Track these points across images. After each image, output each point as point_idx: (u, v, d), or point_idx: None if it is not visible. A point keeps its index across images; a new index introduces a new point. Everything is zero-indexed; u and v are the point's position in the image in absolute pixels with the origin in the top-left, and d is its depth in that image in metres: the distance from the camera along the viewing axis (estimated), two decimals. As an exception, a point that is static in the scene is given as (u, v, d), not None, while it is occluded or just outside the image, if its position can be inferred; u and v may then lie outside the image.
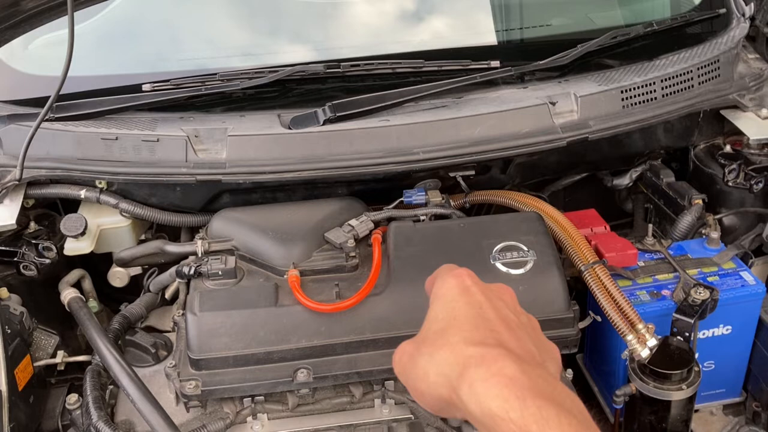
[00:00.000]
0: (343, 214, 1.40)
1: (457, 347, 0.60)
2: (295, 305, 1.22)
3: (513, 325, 0.64)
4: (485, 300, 0.65)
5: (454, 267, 0.70)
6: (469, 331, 0.62)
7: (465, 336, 0.61)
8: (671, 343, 1.26)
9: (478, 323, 0.62)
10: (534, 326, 0.68)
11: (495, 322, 0.63)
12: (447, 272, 0.69)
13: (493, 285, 0.69)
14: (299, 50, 1.69)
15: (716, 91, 1.60)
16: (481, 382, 0.57)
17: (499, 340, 0.61)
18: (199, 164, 1.40)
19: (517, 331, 0.63)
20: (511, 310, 0.66)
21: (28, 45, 1.75)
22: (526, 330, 0.65)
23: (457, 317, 0.64)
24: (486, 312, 0.64)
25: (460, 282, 0.67)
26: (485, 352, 0.59)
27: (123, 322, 1.41)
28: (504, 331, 0.62)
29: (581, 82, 1.56)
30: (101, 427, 1.20)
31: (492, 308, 0.64)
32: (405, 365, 0.64)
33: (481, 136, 1.44)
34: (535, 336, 0.66)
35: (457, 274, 0.68)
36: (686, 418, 1.27)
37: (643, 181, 1.74)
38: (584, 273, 1.32)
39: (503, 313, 0.64)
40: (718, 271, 1.40)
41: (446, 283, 0.67)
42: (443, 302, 0.66)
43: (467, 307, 0.64)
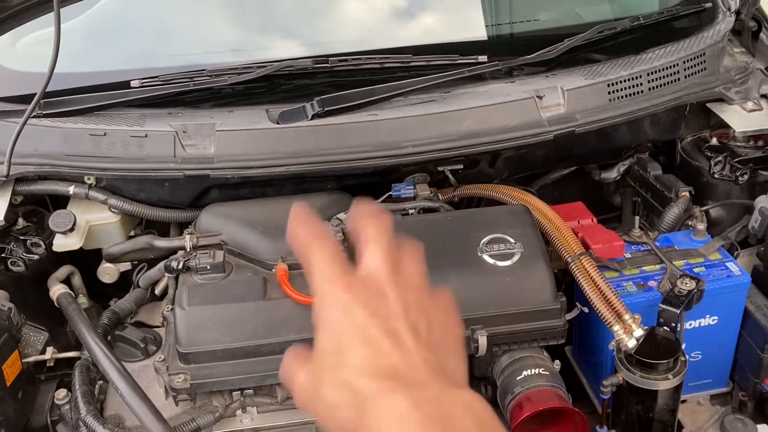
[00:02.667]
0: (332, 208, 1.40)
1: (354, 383, 0.59)
2: (284, 299, 1.23)
3: (401, 337, 0.61)
4: (366, 315, 0.61)
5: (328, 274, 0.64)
6: (359, 361, 0.60)
7: (356, 368, 0.59)
8: (658, 333, 1.27)
9: (365, 351, 0.60)
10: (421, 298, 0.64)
11: (382, 341, 0.60)
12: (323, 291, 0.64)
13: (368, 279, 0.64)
14: (288, 46, 1.69)
15: (702, 84, 1.61)
16: (376, 422, 0.57)
17: (390, 367, 0.59)
18: (188, 159, 1.40)
19: (406, 343, 0.61)
20: (397, 313, 0.62)
21: (16, 42, 1.75)
22: (418, 332, 0.62)
23: (342, 348, 0.61)
24: (370, 330, 0.61)
25: (337, 299, 0.63)
26: (376, 386, 0.58)
27: (112, 318, 1.41)
28: (393, 351, 0.60)
29: (568, 76, 1.56)
30: (90, 421, 1.20)
31: (375, 323, 0.61)
32: (310, 401, 0.62)
33: (469, 130, 1.45)
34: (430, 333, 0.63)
35: (333, 290, 0.63)
36: (673, 408, 1.28)
37: (630, 174, 1.75)
38: (571, 264, 1.33)
39: (389, 323, 0.61)
40: (704, 262, 1.41)
41: (325, 306, 0.63)
42: (326, 330, 0.62)
43: (351, 330, 0.61)
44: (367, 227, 0.67)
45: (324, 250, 0.65)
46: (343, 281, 0.64)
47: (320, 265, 0.65)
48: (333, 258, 0.65)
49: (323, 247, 0.65)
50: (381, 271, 0.65)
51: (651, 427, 1.29)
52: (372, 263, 0.65)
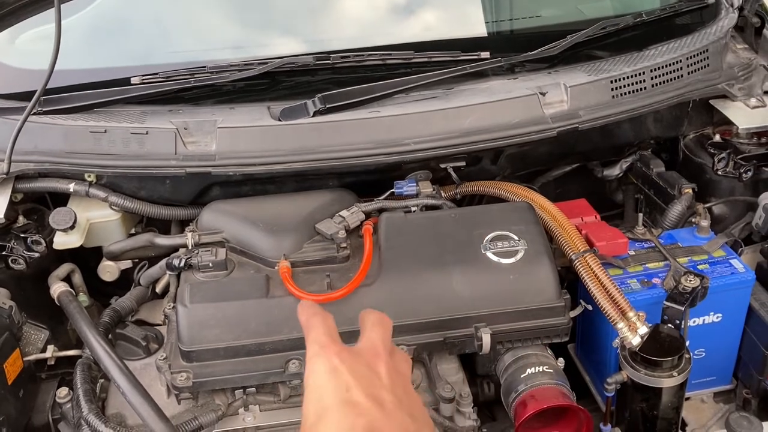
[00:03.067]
0: (334, 206, 1.39)
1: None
2: (287, 296, 1.22)
3: (385, 402, 0.65)
4: (354, 380, 0.65)
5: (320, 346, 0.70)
6: (337, 422, 0.63)
7: (333, 429, 0.62)
8: (662, 330, 1.26)
9: (347, 412, 0.63)
10: (409, 395, 0.69)
11: (364, 405, 0.64)
12: (315, 353, 0.69)
13: (364, 351, 0.69)
14: (289, 42, 1.68)
15: (705, 80, 1.61)
16: None
17: (368, 422, 0.62)
18: (189, 156, 1.39)
19: (388, 407, 0.64)
20: (385, 384, 0.67)
21: (15, 39, 1.74)
22: (401, 402, 0.66)
23: (325, 408, 0.64)
24: (354, 395, 0.64)
25: (327, 364, 0.67)
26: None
27: (113, 316, 1.40)
28: (374, 411, 0.63)
29: (571, 72, 1.56)
30: (92, 420, 1.19)
31: (361, 387, 0.65)
32: None
33: (472, 126, 1.44)
34: (411, 405, 0.67)
35: (324, 353, 0.68)
36: (677, 406, 1.27)
37: (633, 171, 1.74)
38: (575, 262, 1.33)
39: (374, 389, 0.65)
40: (708, 260, 1.41)
41: (314, 370, 0.68)
42: (312, 393, 0.67)
43: (334, 395, 0.65)
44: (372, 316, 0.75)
45: (322, 323, 0.73)
46: (334, 348, 0.69)
47: (315, 334, 0.71)
48: (328, 330, 0.72)
49: (322, 322, 0.73)
50: (377, 346, 0.71)
51: (655, 424, 1.28)
52: (371, 338, 0.72)
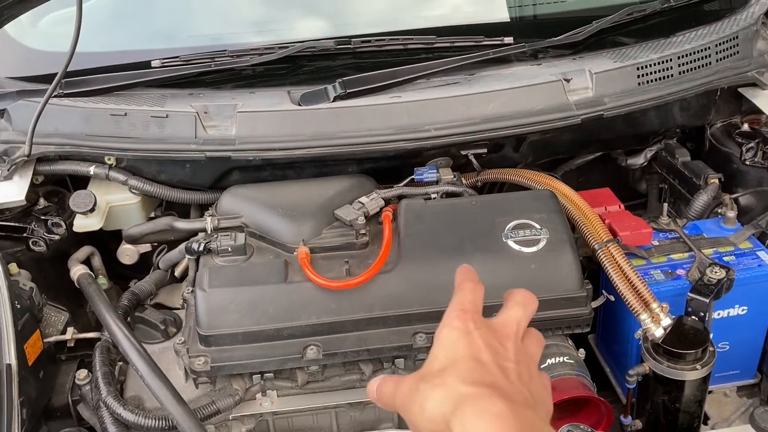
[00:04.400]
0: (354, 192, 1.38)
1: (453, 386, 0.65)
2: (305, 282, 1.21)
3: (509, 371, 0.68)
4: (484, 345, 0.69)
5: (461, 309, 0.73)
6: (465, 372, 0.67)
7: (461, 377, 0.66)
8: (686, 322, 1.24)
9: (475, 366, 0.67)
10: (532, 375, 0.72)
11: (491, 366, 0.68)
12: (454, 315, 0.73)
13: (498, 326, 0.73)
14: (310, 26, 1.67)
15: (735, 68, 1.57)
16: (471, 418, 0.62)
17: (492, 382, 0.66)
18: (209, 141, 1.39)
19: (511, 376, 0.68)
20: (510, 358, 0.70)
21: (38, 21, 1.75)
22: (522, 377, 0.69)
23: (455, 359, 0.69)
24: (483, 356, 0.68)
25: (463, 325, 0.71)
26: (478, 391, 0.64)
27: (132, 299, 1.41)
28: (498, 374, 0.67)
29: (596, 58, 1.53)
30: (110, 402, 1.20)
31: (490, 353, 0.69)
32: (404, 399, 0.69)
33: (494, 113, 1.42)
34: (531, 384, 0.70)
35: (462, 316, 0.72)
36: (700, 399, 1.25)
37: (657, 160, 1.71)
38: (598, 251, 1.30)
39: (500, 359, 0.69)
40: (734, 251, 1.38)
41: (449, 326, 0.72)
42: (444, 344, 0.71)
43: (466, 350, 0.69)
44: (519, 294, 0.77)
45: (471, 292, 0.76)
46: (474, 317, 0.73)
47: (461, 299, 0.75)
48: (475, 301, 0.75)
49: (471, 290, 0.77)
50: (512, 325, 0.74)
51: (677, 417, 1.26)
52: (508, 317, 0.75)
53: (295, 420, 1.30)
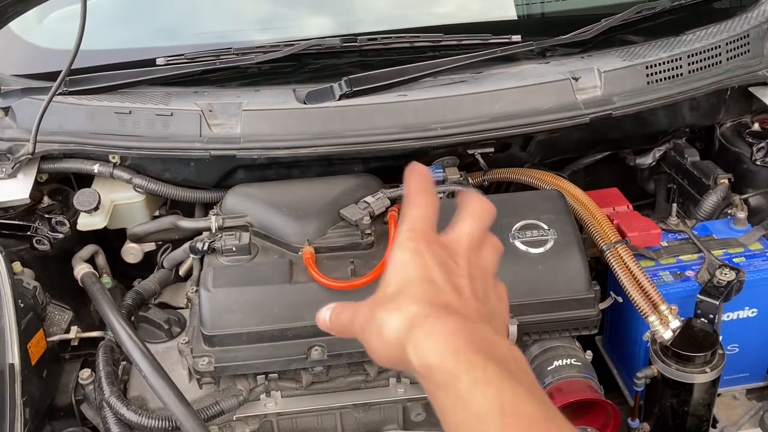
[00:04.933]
0: (359, 191, 1.37)
1: (406, 308, 0.65)
2: (310, 282, 1.20)
3: (462, 288, 0.68)
4: (436, 264, 0.68)
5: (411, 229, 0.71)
6: (418, 293, 0.66)
7: (414, 298, 0.66)
8: (695, 325, 1.23)
9: (427, 287, 0.67)
10: (487, 288, 0.71)
11: (443, 285, 0.67)
12: (405, 234, 0.71)
13: (450, 242, 0.71)
14: (316, 24, 1.66)
15: (745, 67, 1.55)
16: (423, 338, 0.62)
17: (445, 301, 0.66)
18: (214, 139, 1.38)
19: (465, 293, 0.68)
20: (463, 274, 0.69)
21: (43, 18, 1.74)
22: (476, 293, 0.69)
23: (408, 281, 0.68)
24: (435, 276, 0.67)
25: (414, 245, 0.69)
26: (430, 310, 0.64)
27: (136, 298, 1.40)
28: (451, 293, 0.67)
29: (605, 57, 1.51)
30: (114, 402, 1.19)
31: (442, 272, 0.68)
32: (361, 323, 0.69)
33: (501, 112, 1.41)
34: (486, 298, 0.70)
35: (412, 236, 0.70)
36: (709, 402, 1.24)
37: (666, 160, 1.69)
38: (606, 253, 1.29)
39: (453, 277, 0.68)
40: (744, 252, 1.36)
41: (400, 248, 0.70)
42: (396, 266, 0.70)
43: (418, 271, 0.68)
44: (471, 204, 0.75)
45: (422, 208, 0.73)
46: (425, 235, 0.70)
47: (412, 216, 0.72)
48: (426, 216, 0.72)
49: (423, 205, 0.73)
50: (464, 240, 0.72)
51: (685, 421, 1.25)
52: (460, 232, 0.73)
53: (299, 421, 1.29)
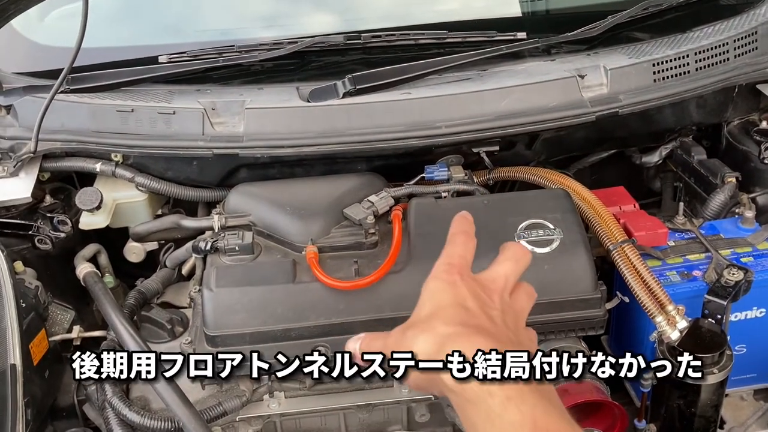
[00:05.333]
0: (363, 190, 1.36)
1: (438, 329, 0.67)
2: (314, 282, 1.19)
3: (494, 317, 0.70)
4: (470, 294, 0.70)
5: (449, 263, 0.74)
6: (451, 316, 0.68)
7: (446, 320, 0.68)
8: (702, 325, 1.21)
9: (460, 311, 0.69)
10: (519, 326, 0.73)
11: (476, 311, 0.69)
12: (442, 268, 0.74)
13: (486, 281, 0.74)
14: (319, 21, 1.65)
15: (753, 64, 1.53)
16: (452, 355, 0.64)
17: (477, 324, 0.68)
18: (216, 137, 1.37)
19: (496, 321, 0.70)
20: (496, 308, 0.71)
21: (45, 16, 1.73)
22: (507, 324, 0.71)
23: (441, 306, 0.70)
24: (469, 303, 0.70)
25: (449, 277, 0.72)
26: (462, 330, 0.66)
27: (139, 298, 1.39)
28: (484, 318, 0.69)
29: (611, 54, 1.50)
30: (116, 403, 1.18)
31: (476, 302, 0.70)
32: (393, 347, 0.70)
33: (507, 110, 1.39)
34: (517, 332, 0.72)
35: (449, 269, 0.73)
36: (717, 403, 1.23)
37: (673, 158, 1.68)
38: (612, 252, 1.28)
39: (486, 308, 0.70)
40: (752, 252, 1.35)
41: (435, 278, 0.73)
42: (431, 293, 0.72)
43: (452, 298, 0.70)
44: (510, 249, 0.78)
45: (461, 246, 0.76)
46: (461, 269, 0.73)
47: (451, 251, 0.75)
48: (464, 253, 0.76)
49: (463, 243, 0.76)
50: (499, 281, 0.74)
51: (693, 422, 1.24)
52: (497, 272, 0.75)
53: (303, 422, 1.28)
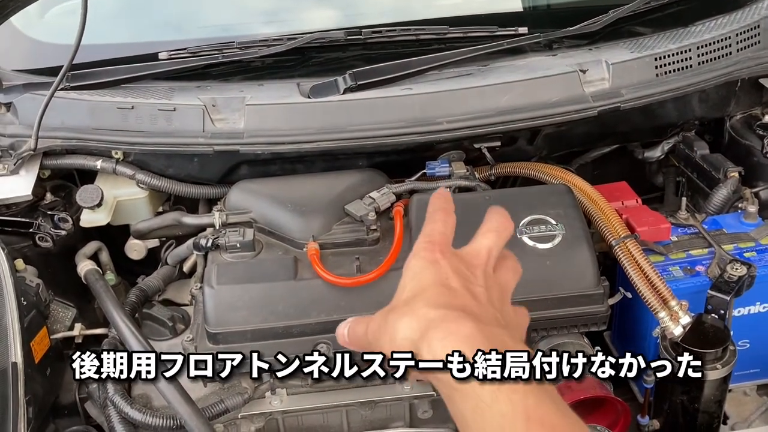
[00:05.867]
0: (364, 186, 1.35)
1: (420, 312, 0.64)
2: (315, 279, 1.19)
3: (478, 294, 0.67)
4: (452, 272, 0.68)
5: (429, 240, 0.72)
6: (433, 298, 0.66)
7: (428, 302, 0.65)
8: (705, 321, 1.21)
9: (443, 291, 0.66)
10: (504, 301, 0.71)
11: (459, 290, 0.67)
12: (422, 245, 0.72)
13: (468, 255, 0.71)
14: (320, 16, 1.64)
15: (756, 58, 1.52)
16: (438, 341, 0.61)
17: (461, 305, 0.65)
18: (217, 134, 1.36)
19: (481, 299, 0.67)
20: (480, 283, 0.69)
21: (45, 13, 1.73)
22: (493, 301, 0.68)
23: (423, 287, 0.67)
24: (451, 282, 0.67)
25: (430, 255, 0.70)
26: (445, 314, 0.63)
27: (140, 295, 1.39)
28: (468, 297, 0.66)
29: (613, 49, 1.49)
30: (117, 400, 1.18)
31: (459, 279, 0.68)
32: (374, 333, 0.68)
33: (508, 105, 1.39)
34: (503, 308, 0.69)
35: (429, 246, 0.71)
36: (720, 399, 1.22)
37: (675, 153, 1.67)
38: (615, 247, 1.27)
39: (469, 285, 0.68)
40: (755, 247, 1.34)
41: (417, 256, 0.71)
42: (412, 274, 0.70)
43: (433, 277, 0.68)
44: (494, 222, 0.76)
45: (440, 223, 0.74)
46: (441, 246, 0.71)
47: (430, 229, 0.73)
48: (444, 231, 0.73)
49: (442, 221, 0.74)
50: (482, 254, 0.72)
51: (696, 417, 1.23)
52: (479, 245, 0.73)
53: (305, 418, 1.28)
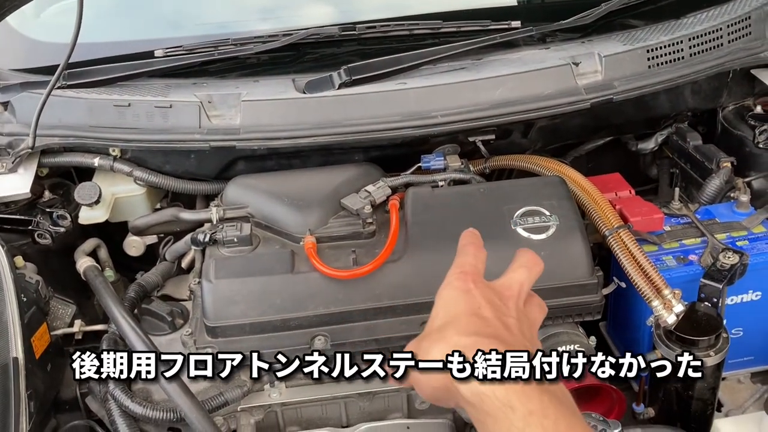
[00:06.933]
0: (360, 180, 1.37)
1: (453, 339, 0.66)
2: (312, 272, 1.20)
3: (510, 325, 0.69)
4: (485, 302, 0.69)
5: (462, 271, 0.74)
6: (465, 326, 0.67)
7: (460, 330, 0.67)
8: (698, 309, 1.22)
9: (475, 320, 0.68)
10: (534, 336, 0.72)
11: (491, 320, 0.68)
12: (455, 275, 0.73)
13: (500, 287, 0.73)
14: (315, 12, 1.65)
15: (747, 49, 1.54)
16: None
17: (493, 334, 0.66)
18: (213, 130, 1.37)
19: (512, 329, 0.68)
20: (512, 315, 0.70)
21: (41, 12, 1.74)
22: (524, 333, 0.69)
23: (455, 316, 0.69)
24: (484, 312, 0.68)
25: (463, 285, 0.71)
26: (478, 340, 0.64)
27: (139, 291, 1.40)
28: (500, 327, 0.67)
29: (605, 41, 1.50)
30: (118, 395, 1.19)
31: (491, 309, 0.69)
32: None
33: (502, 98, 1.40)
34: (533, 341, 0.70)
35: (462, 277, 0.72)
36: (714, 386, 1.24)
37: (668, 144, 1.68)
38: (608, 238, 1.29)
39: (501, 315, 0.69)
40: (747, 236, 1.36)
41: (450, 286, 0.72)
42: (444, 302, 0.71)
43: (466, 306, 0.69)
44: (525, 259, 0.77)
45: (473, 255, 0.76)
46: (474, 277, 0.73)
47: (462, 261, 0.75)
48: (475, 262, 0.76)
49: (473, 254, 0.77)
50: (514, 287, 0.73)
51: (690, 405, 1.25)
52: (511, 279, 0.74)
53: (303, 411, 1.29)
